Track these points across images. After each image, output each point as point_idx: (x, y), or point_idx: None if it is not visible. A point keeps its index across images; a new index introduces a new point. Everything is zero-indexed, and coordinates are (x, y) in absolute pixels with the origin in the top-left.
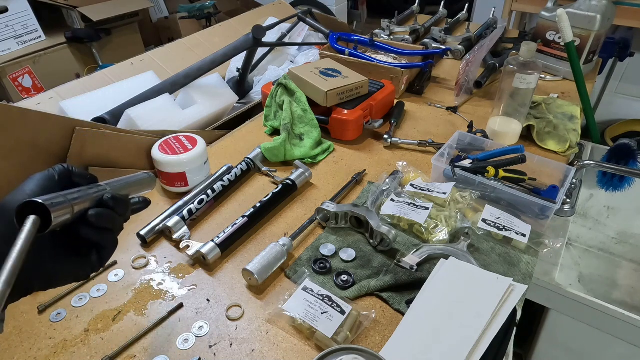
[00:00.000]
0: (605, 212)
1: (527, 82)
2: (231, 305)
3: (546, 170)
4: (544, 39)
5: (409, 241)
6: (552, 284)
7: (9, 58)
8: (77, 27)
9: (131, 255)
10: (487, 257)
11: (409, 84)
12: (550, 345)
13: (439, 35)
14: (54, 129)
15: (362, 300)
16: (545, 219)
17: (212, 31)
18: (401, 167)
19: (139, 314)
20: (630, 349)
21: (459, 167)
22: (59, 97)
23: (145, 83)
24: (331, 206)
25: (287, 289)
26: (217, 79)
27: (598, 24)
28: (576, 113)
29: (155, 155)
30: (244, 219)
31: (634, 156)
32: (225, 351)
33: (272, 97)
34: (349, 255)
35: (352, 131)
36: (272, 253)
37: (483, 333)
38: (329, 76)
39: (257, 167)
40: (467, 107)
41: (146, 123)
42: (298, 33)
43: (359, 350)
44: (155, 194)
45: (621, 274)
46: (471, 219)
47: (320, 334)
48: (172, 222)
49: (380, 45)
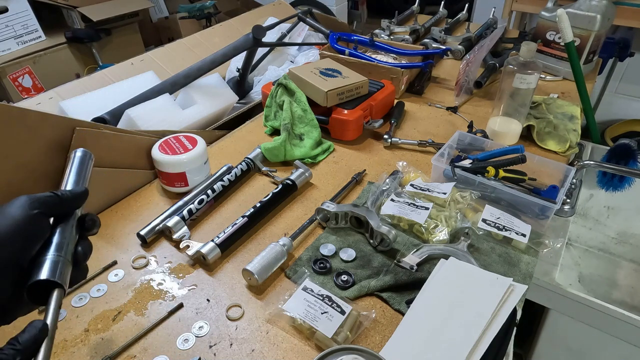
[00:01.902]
0: (605, 212)
1: (527, 82)
2: (231, 305)
3: (546, 170)
4: (544, 39)
5: (409, 241)
6: (552, 284)
7: (9, 58)
8: (77, 27)
9: (131, 255)
10: (487, 257)
11: (409, 84)
12: (550, 345)
13: (439, 35)
14: (54, 129)
15: (362, 300)
16: (545, 219)
17: (212, 31)
18: (401, 167)
19: (139, 314)
20: (630, 349)
21: (459, 167)
22: (59, 97)
23: (145, 83)
24: (331, 206)
25: (287, 289)
26: (217, 79)
27: (598, 24)
28: (576, 113)
29: (155, 155)
30: (244, 219)
31: (634, 156)
32: (225, 351)
33: (272, 97)
34: (349, 255)
35: (352, 131)
36: (272, 253)
37: (483, 333)
38: (329, 76)
39: (257, 167)
40: (467, 107)
41: (146, 123)
42: (298, 33)
43: (359, 350)
44: (155, 194)
45: (621, 274)
46: (471, 219)
47: (320, 334)
48: (172, 222)
49: (380, 45)
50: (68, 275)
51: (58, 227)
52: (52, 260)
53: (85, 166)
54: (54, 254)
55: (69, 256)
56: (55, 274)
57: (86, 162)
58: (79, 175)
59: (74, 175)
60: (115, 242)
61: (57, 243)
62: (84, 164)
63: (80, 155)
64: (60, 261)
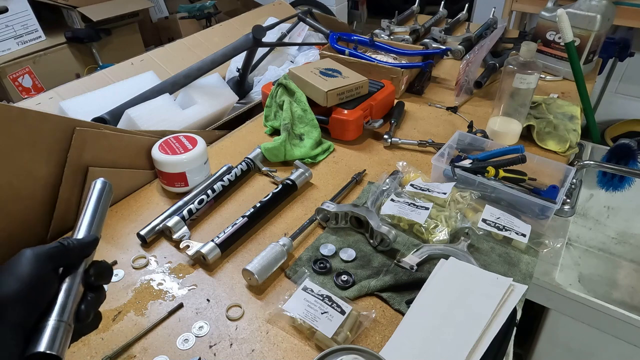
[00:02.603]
0: (605, 212)
1: (527, 82)
2: (231, 305)
3: (546, 170)
4: (544, 39)
5: (409, 241)
6: (552, 284)
7: (9, 58)
8: (77, 27)
9: (131, 255)
10: (487, 257)
11: (409, 84)
12: (550, 345)
13: (439, 35)
14: (54, 129)
15: (362, 300)
16: (545, 219)
17: (212, 31)
18: (401, 167)
19: (139, 314)
20: (630, 349)
21: (459, 167)
22: (59, 97)
23: (145, 83)
24: (331, 206)
25: (287, 289)
26: (217, 79)
27: (598, 24)
28: (576, 113)
29: (155, 155)
30: (244, 219)
31: (634, 156)
32: (225, 351)
33: (272, 97)
34: (349, 255)
35: (352, 131)
36: (272, 253)
37: (483, 333)
38: (329, 76)
39: (257, 167)
40: (467, 107)
41: (146, 123)
42: (298, 33)
43: (359, 350)
44: (155, 194)
45: (621, 274)
46: (471, 219)
47: (320, 334)
48: (172, 222)
49: (380, 45)
50: (68, 342)
51: (64, 283)
52: (53, 327)
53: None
54: (55, 319)
55: (71, 319)
56: (53, 346)
57: (105, 197)
58: (93, 216)
59: (90, 215)
60: (115, 242)
61: (60, 304)
62: (101, 199)
63: (99, 188)
64: (61, 328)
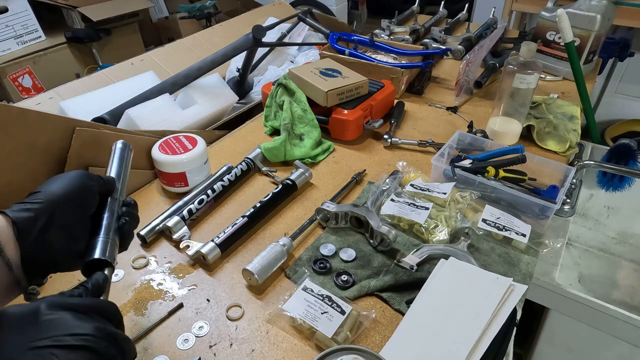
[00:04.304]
0: (605, 212)
1: (527, 82)
2: (231, 305)
3: (546, 170)
4: (544, 39)
5: (409, 241)
6: (552, 284)
7: (9, 58)
8: (77, 27)
9: (131, 255)
10: (487, 257)
11: (409, 84)
12: (550, 345)
13: (439, 35)
14: (54, 129)
15: (362, 300)
16: (545, 219)
17: (212, 31)
18: (401, 167)
19: (139, 314)
20: (630, 349)
21: (459, 167)
22: (59, 97)
23: (145, 83)
24: (331, 206)
25: (287, 289)
26: (217, 79)
27: (598, 24)
28: (576, 113)
29: (155, 155)
30: (244, 219)
31: (634, 156)
32: (225, 351)
33: (272, 97)
34: (349, 255)
35: (352, 131)
36: (272, 253)
37: (483, 333)
38: (329, 76)
39: (257, 167)
40: (467, 107)
41: (146, 123)
42: (298, 33)
43: (359, 350)
44: (155, 194)
45: (621, 274)
46: (471, 219)
47: (320, 334)
48: (172, 222)
49: (380, 45)
50: (115, 253)
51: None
52: (103, 241)
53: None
54: (103, 236)
55: (115, 238)
56: (106, 254)
57: (126, 156)
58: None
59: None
60: None
61: (106, 225)
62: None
63: (120, 147)
64: (110, 241)
